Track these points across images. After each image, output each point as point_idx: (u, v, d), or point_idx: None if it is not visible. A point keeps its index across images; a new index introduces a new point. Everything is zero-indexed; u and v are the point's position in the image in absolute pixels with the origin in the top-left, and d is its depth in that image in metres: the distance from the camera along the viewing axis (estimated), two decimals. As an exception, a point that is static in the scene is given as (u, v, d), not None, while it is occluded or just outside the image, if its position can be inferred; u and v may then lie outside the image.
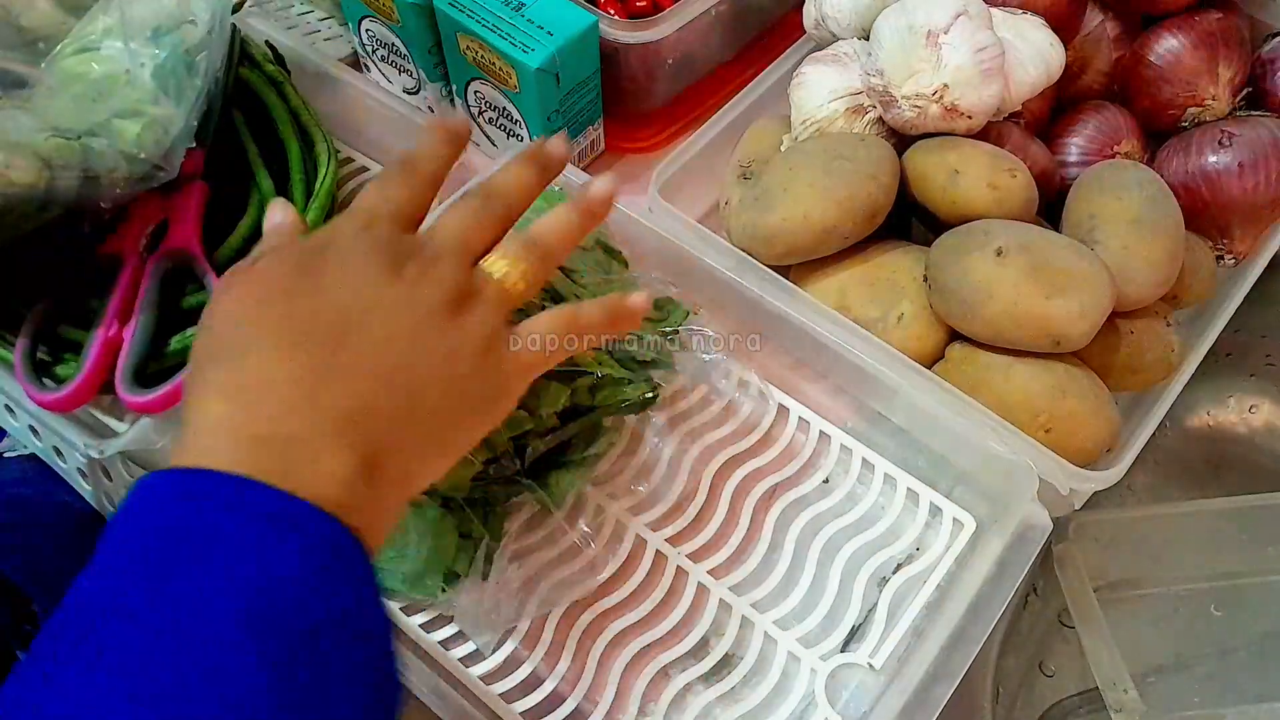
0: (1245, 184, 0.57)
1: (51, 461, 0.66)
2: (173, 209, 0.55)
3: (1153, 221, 0.53)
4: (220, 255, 0.56)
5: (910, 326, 0.54)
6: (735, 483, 0.54)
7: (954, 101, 0.54)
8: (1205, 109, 0.60)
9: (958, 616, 0.45)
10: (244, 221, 0.58)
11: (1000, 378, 0.52)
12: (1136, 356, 0.54)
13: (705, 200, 0.65)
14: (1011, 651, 0.63)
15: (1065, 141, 0.62)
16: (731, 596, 0.50)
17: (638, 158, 0.72)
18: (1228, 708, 0.57)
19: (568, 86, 0.62)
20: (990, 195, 0.53)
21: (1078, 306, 0.49)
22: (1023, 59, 0.57)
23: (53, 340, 0.53)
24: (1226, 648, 0.63)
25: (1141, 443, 0.52)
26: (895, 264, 0.56)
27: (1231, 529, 0.62)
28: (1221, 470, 0.76)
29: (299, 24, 0.76)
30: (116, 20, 0.49)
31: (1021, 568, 0.47)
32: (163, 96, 0.49)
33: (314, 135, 0.62)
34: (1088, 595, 0.55)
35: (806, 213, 0.54)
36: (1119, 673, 0.52)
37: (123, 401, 0.48)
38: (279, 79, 0.63)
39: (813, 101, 0.60)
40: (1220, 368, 0.74)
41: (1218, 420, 0.77)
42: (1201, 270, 0.57)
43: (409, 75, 0.69)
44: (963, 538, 0.52)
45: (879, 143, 0.57)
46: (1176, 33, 0.60)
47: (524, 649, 0.49)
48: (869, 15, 0.60)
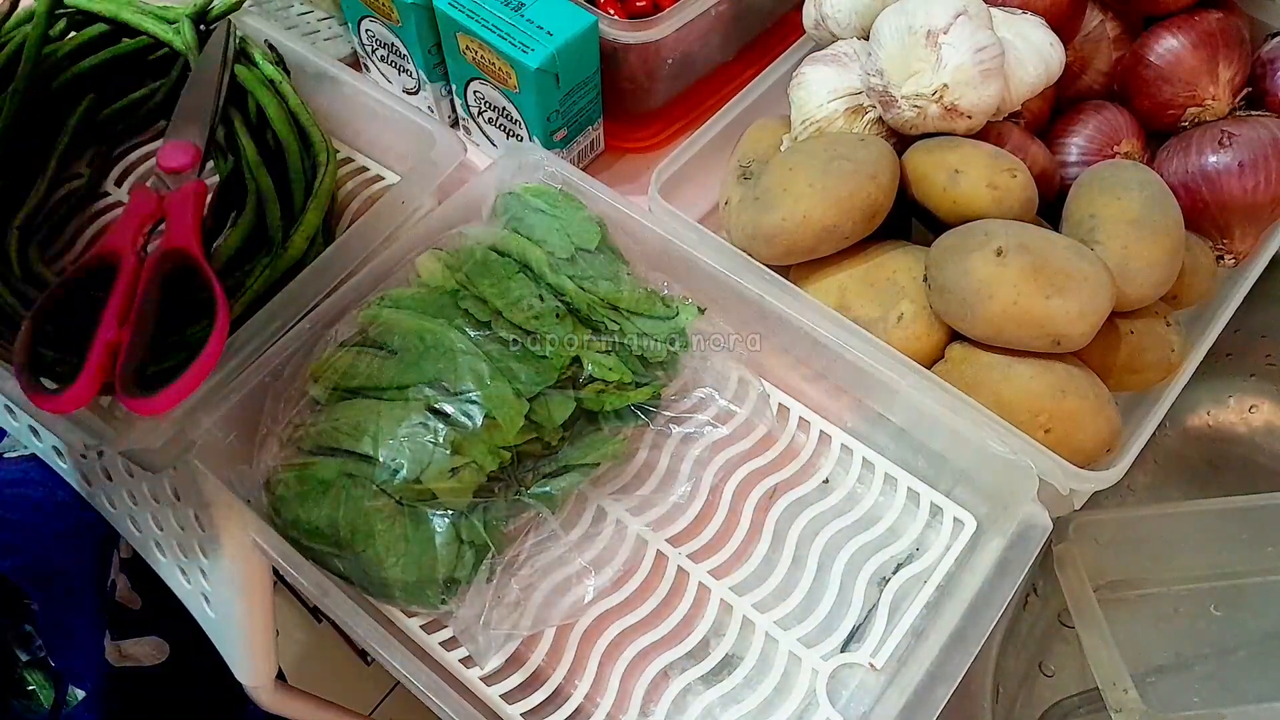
0: (1245, 184, 0.57)
1: (51, 461, 0.66)
2: (171, 208, 0.55)
3: (1153, 221, 0.53)
4: (219, 255, 0.56)
5: (910, 326, 0.54)
6: (736, 483, 0.54)
7: (954, 101, 0.54)
8: (1205, 109, 0.60)
9: (958, 617, 0.45)
10: (242, 221, 0.57)
11: (1000, 378, 0.52)
12: (1136, 356, 0.54)
13: (705, 200, 0.65)
14: (1011, 651, 0.64)
15: (1065, 141, 0.62)
16: (732, 597, 0.50)
17: (638, 158, 0.72)
18: (1228, 708, 0.57)
19: (568, 86, 0.62)
20: (990, 195, 0.53)
21: (1078, 306, 0.49)
22: (1023, 59, 0.57)
23: (53, 340, 0.53)
24: (1226, 648, 0.63)
25: (1141, 443, 0.52)
26: (895, 264, 0.56)
27: (1231, 529, 0.62)
28: (1221, 470, 0.76)
29: (299, 24, 0.76)
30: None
31: (1022, 568, 0.47)
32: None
33: (313, 135, 0.62)
34: (1088, 595, 0.55)
35: (806, 212, 0.54)
36: (1119, 673, 0.52)
37: (122, 402, 0.48)
38: (278, 79, 0.63)
39: (813, 101, 0.60)
40: (1220, 368, 0.74)
41: (1218, 420, 0.77)
42: (1201, 270, 0.57)
43: (409, 75, 0.69)
44: (963, 538, 0.52)
45: (879, 143, 0.57)
46: (1176, 33, 0.60)
47: (525, 650, 0.49)
48: (869, 15, 0.60)
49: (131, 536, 0.65)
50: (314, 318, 0.53)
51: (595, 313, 0.53)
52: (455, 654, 0.49)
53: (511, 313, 0.51)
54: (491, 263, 0.53)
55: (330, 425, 0.48)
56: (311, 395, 0.50)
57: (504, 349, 0.50)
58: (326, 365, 0.50)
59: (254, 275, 0.56)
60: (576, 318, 0.52)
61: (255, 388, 0.51)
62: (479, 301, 0.52)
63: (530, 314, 0.51)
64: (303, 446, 0.49)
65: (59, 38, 0.65)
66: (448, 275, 0.53)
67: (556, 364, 0.50)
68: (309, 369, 0.51)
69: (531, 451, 0.50)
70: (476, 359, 0.49)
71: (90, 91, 0.65)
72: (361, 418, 0.48)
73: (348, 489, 0.47)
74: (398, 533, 0.46)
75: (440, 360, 0.49)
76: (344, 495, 0.47)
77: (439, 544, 0.47)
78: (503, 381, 0.49)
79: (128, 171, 0.67)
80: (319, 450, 0.48)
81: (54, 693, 0.66)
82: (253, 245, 0.58)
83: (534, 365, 0.50)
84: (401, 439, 0.47)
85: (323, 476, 0.47)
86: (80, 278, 0.53)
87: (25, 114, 0.62)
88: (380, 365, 0.49)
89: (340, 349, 0.51)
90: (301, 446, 0.49)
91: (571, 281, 0.53)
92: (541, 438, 0.50)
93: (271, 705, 0.70)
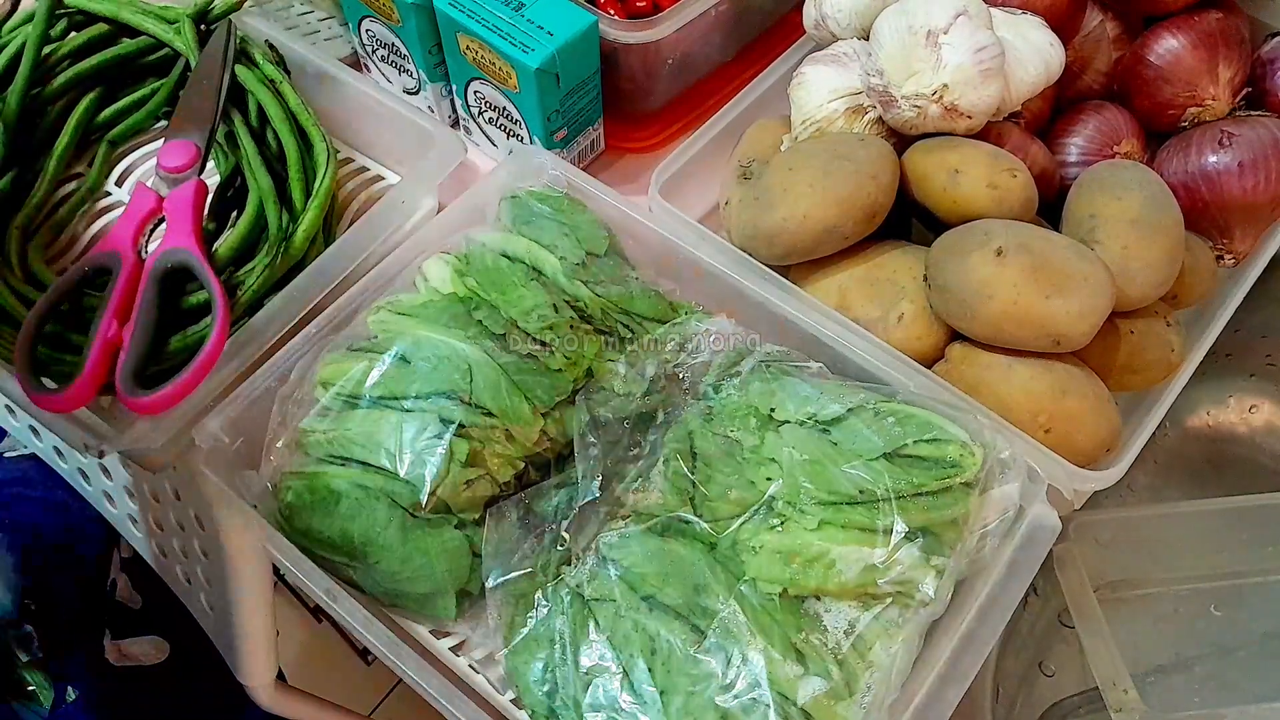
0: (1245, 184, 0.57)
1: (51, 461, 0.66)
2: (171, 208, 0.55)
3: (1153, 221, 0.53)
4: (219, 255, 0.56)
5: (910, 326, 0.54)
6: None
7: (954, 101, 0.54)
8: (1205, 109, 0.60)
9: (968, 618, 0.45)
10: (242, 221, 0.58)
11: (1000, 378, 0.52)
12: (1136, 356, 0.54)
13: (705, 200, 0.65)
14: (1011, 651, 0.64)
15: (1065, 141, 0.62)
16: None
17: (638, 158, 0.72)
18: (1228, 708, 0.57)
19: (568, 86, 0.62)
20: (990, 195, 0.53)
21: (1078, 306, 0.49)
22: (1023, 59, 0.57)
23: (53, 340, 0.53)
24: (1226, 648, 0.63)
25: (1141, 443, 0.52)
26: (895, 264, 0.56)
27: (1231, 529, 0.62)
28: (1221, 470, 0.76)
29: (299, 24, 0.76)
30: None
31: (1031, 569, 0.46)
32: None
33: (312, 136, 0.62)
34: (1088, 595, 0.55)
35: (806, 213, 0.54)
36: (1119, 673, 0.52)
37: (122, 402, 0.48)
38: (278, 79, 0.63)
39: (813, 101, 0.60)
40: (1220, 368, 0.74)
41: (1218, 420, 0.77)
42: (1201, 270, 0.57)
43: (409, 75, 0.69)
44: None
45: (879, 143, 0.57)
46: (1176, 33, 0.60)
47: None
48: (869, 15, 0.60)
49: (131, 536, 0.65)
50: (320, 322, 0.53)
51: (609, 318, 0.53)
52: (465, 659, 0.49)
53: (525, 322, 0.50)
54: (502, 269, 0.53)
55: (342, 434, 0.48)
56: (321, 402, 0.49)
57: (519, 361, 0.50)
58: (337, 372, 0.50)
59: (254, 275, 0.55)
60: (590, 324, 0.52)
61: (262, 393, 0.50)
62: (493, 311, 0.51)
63: (544, 324, 0.50)
64: (312, 454, 0.49)
65: (59, 38, 0.65)
66: (457, 281, 0.53)
67: (570, 375, 0.50)
68: (318, 375, 0.50)
69: (544, 461, 0.50)
70: (493, 371, 0.49)
71: (90, 91, 0.65)
72: (374, 427, 0.47)
73: (361, 500, 0.47)
74: (411, 545, 0.46)
75: (455, 371, 0.48)
76: (357, 507, 0.47)
77: (452, 556, 0.47)
78: (518, 395, 0.49)
79: (128, 171, 0.67)
80: (330, 459, 0.48)
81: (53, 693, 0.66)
82: (253, 245, 0.58)
83: (549, 378, 0.50)
84: (416, 450, 0.47)
85: (334, 487, 0.47)
86: (80, 278, 0.53)
87: (25, 114, 0.62)
88: (394, 374, 0.49)
89: (350, 355, 0.50)
90: (311, 454, 0.49)
91: (586, 288, 0.53)
92: (554, 448, 0.50)
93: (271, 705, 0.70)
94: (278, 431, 0.50)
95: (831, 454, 0.45)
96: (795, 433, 0.46)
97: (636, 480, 0.49)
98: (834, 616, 0.43)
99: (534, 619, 0.45)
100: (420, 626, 0.50)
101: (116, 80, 0.66)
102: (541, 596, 0.46)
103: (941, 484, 0.44)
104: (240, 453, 0.50)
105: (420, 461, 0.46)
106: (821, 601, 0.43)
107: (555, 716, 0.43)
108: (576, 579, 0.46)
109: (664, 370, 0.52)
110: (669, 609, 0.43)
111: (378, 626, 0.45)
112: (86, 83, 0.65)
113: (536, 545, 0.47)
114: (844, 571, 0.42)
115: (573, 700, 0.42)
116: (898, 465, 0.44)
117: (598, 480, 0.47)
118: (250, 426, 0.50)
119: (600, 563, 0.45)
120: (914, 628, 0.43)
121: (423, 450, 0.46)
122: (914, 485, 0.43)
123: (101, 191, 0.65)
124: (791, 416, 0.47)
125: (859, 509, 0.43)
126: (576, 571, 0.46)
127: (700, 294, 0.57)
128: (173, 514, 0.59)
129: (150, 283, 0.52)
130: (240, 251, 0.57)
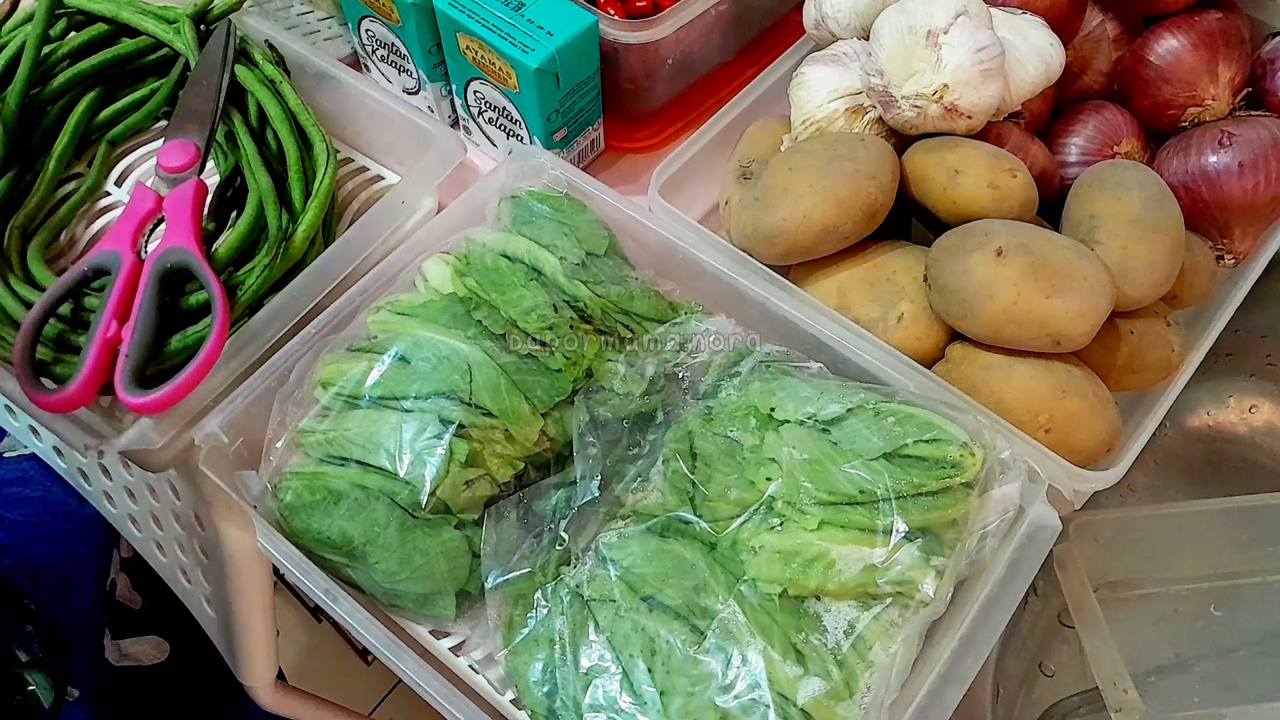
0: (1245, 184, 0.57)
1: (51, 461, 0.66)
2: (171, 208, 0.55)
3: (1153, 221, 0.53)
4: (219, 255, 0.56)
5: (910, 326, 0.54)
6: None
7: (954, 101, 0.54)
8: (1205, 109, 0.60)
9: (968, 619, 0.45)
10: (242, 221, 0.58)
11: (1000, 378, 0.52)
12: (1136, 356, 0.54)
13: (705, 200, 0.65)
14: (1011, 651, 0.64)
15: (1065, 141, 0.62)
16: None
17: (638, 158, 0.72)
18: (1228, 708, 0.57)
19: (568, 86, 0.62)
20: (990, 195, 0.53)
21: (1078, 306, 0.49)
22: (1023, 59, 0.57)
23: (53, 340, 0.53)
24: (1226, 648, 0.63)
25: (1141, 443, 0.52)
26: (895, 264, 0.56)
27: (1231, 529, 0.62)
28: (1221, 470, 0.76)
29: (299, 24, 0.76)
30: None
31: (1032, 569, 0.46)
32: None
33: (312, 136, 0.62)
34: (1088, 595, 0.55)
35: (806, 213, 0.54)
36: (1119, 673, 0.52)
37: (122, 402, 0.48)
38: (278, 79, 0.63)
39: (813, 101, 0.60)
40: (1220, 368, 0.74)
41: (1218, 420, 0.77)
42: (1201, 270, 0.57)
43: (409, 75, 0.69)
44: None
45: (879, 143, 0.57)
46: (1176, 33, 0.60)
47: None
48: (869, 15, 0.60)
49: (131, 536, 0.66)
50: (320, 322, 0.53)
51: (609, 319, 0.53)
52: (464, 659, 0.49)
53: (525, 322, 0.50)
54: (502, 269, 0.53)
55: (341, 434, 0.48)
56: (321, 402, 0.49)
57: (519, 361, 0.50)
58: (336, 372, 0.50)
59: (254, 275, 0.55)
60: (590, 324, 0.52)
61: (262, 393, 0.50)
62: (492, 311, 0.51)
63: (544, 324, 0.50)
64: (312, 454, 0.49)
65: (59, 38, 0.65)
66: (456, 281, 0.53)
67: (570, 376, 0.50)
68: (318, 375, 0.50)
69: (543, 461, 0.50)
70: (492, 371, 0.48)
71: (90, 91, 0.65)
72: (374, 428, 0.47)
73: (360, 501, 0.47)
74: (411, 546, 0.46)
75: (455, 371, 0.48)
76: (356, 507, 0.46)
77: (452, 557, 0.47)
78: (518, 395, 0.49)
79: (127, 172, 0.67)
80: (329, 459, 0.48)
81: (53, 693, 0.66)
82: (252, 245, 0.58)
83: (549, 378, 0.50)
84: (415, 450, 0.47)
85: (334, 487, 0.47)
86: (80, 278, 0.53)
87: (25, 114, 0.62)
88: (394, 374, 0.49)
89: (349, 355, 0.50)
90: (310, 454, 0.49)
91: (586, 288, 0.53)
92: (554, 449, 0.50)
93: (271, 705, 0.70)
94: (277, 432, 0.50)
95: (831, 454, 0.45)
96: (795, 433, 0.46)
97: (636, 480, 0.49)
98: (834, 617, 0.43)
99: (533, 619, 0.45)
100: (420, 627, 0.50)
101: (116, 80, 0.66)
102: (541, 597, 0.46)
103: (941, 484, 0.44)
104: (240, 453, 0.50)
105: (420, 462, 0.46)
106: (821, 602, 0.43)
107: (555, 717, 0.43)
108: (576, 579, 0.46)
109: (664, 370, 0.52)
110: (669, 609, 0.43)
111: (377, 627, 0.45)
112: (86, 83, 0.65)
113: (536, 545, 0.47)
114: (844, 571, 0.42)
115: (572, 701, 0.42)
116: (898, 465, 0.44)
117: (597, 480, 0.47)
118: (250, 426, 0.50)
119: (600, 563, 0.45)
120: (914, 628, 0.43)
121: (422, 450, 0.46)
122: (914, 485, 0.43)
123: (101, 192, 0.65)
124: (791, 416, 0.47)
125: (859, 509, 0.43)
126: (576, 572, 0.46)
127: (700, 294, 0.57)
128: (173, 514, 0.59)
129: (150, 283, 0.52)
130: (240, 251, 0.57)
